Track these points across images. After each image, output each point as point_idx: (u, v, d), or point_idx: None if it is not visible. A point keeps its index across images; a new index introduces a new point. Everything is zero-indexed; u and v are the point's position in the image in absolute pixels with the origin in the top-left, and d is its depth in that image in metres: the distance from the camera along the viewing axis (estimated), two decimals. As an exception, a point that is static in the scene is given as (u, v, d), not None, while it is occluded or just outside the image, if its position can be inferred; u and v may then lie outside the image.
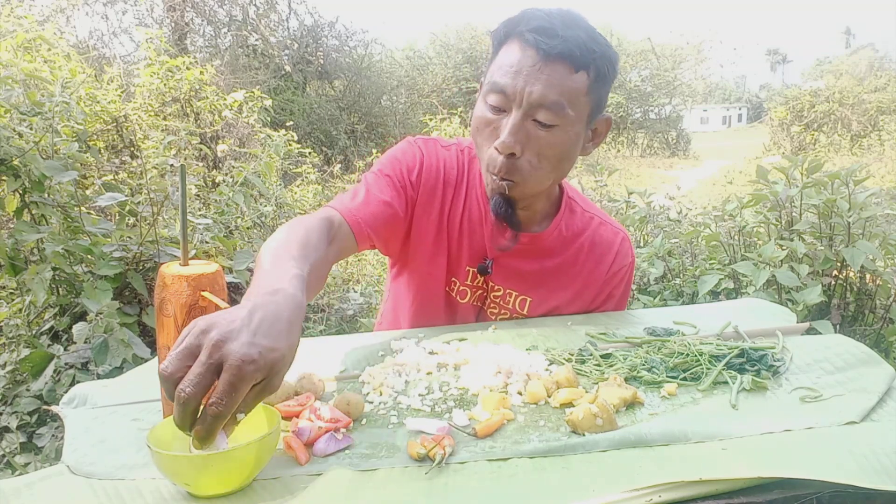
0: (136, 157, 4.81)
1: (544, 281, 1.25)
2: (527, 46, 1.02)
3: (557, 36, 1.01)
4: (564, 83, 1.02)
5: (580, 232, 1.26)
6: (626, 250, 1.28)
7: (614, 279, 1.28)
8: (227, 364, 0.62)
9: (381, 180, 1.18)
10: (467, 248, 1.23)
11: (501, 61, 1.05)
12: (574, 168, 8.71)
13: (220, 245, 2.77)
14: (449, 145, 1.27)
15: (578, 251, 1.26)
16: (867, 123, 17.86)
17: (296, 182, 6.52)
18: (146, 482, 0.69)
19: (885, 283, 2.60)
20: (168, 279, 0.77)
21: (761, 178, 2.68)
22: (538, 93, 1.02)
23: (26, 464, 1.89)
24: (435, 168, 1.23)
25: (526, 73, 1.02)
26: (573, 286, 1.26)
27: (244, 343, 0.63)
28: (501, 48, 1.08)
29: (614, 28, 23.79)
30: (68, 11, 10.49)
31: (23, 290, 2.36)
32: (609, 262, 1.26)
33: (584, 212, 1.28)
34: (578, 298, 1.27)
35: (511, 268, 1.24)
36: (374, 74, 14.15)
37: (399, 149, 1.25)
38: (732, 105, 62.05)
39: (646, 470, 0.66)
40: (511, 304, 1.26)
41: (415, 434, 0.77)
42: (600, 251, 1.26)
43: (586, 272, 1.26)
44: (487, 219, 1.21)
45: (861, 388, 0.84)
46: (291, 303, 0.72)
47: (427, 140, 1.27)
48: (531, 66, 1.01)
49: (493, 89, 1.05)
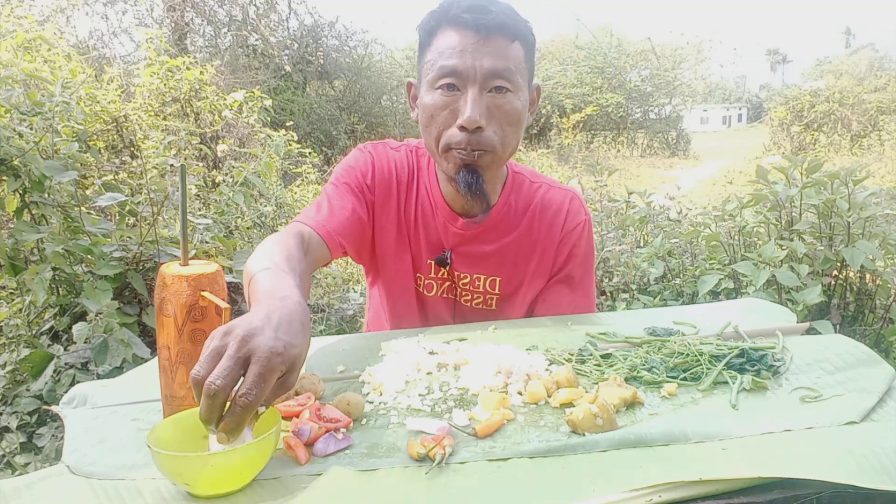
0: (136, 157, 4.81)
1: (507, 257, 1.28)
2: (463, 28, 1.07)
3: (490, 12, 1.07)
4: (507, 53, 1.09)
5: (530, 200, 1.30)
6: (577, 208, 1.31)
7: (571, 237, 1.30)
8: (256, 357, 0.65)
9: (340, 189, 1.23)
10: (424, 241, 1.27)
11: (441, 47, 1.09)
12: (574, 168, 8.70)
13: (220, 245, 2.77)
14: (398, 146, 1.32)
15: (531, 220, 1.29)
16: (867, 123, 17.86)
17: (296, 182, 6.52)
18: (146, 482, 0.69)
19: (885, 283, 2.60)
20: (168, 279, 0.77)
21: (761, 178, 2.68)
22: (489, 64, 1.07)
23: (26, 464, 1.89)
24: (387, 169, 1.27)
25: (472, 51, 1.07)
26: (535, 254, 1.30)
27: (270, 337, 0.67)
28: (433, 38, 1.12)
29: (614, 28, 23.78)
30: (68, 11, 10.49)
31: (23, 290, 2.35)
32: (562, 223, 1.30)
33: (531, 183, 1.32)
34: (542, 264, 1.30)
35: (471, 253, 1.27)
36: (374, 74, 14.15)
37: (351, 157, 1.30)
38: (732, 105, 62.04)
39: (646, 470, 0.66)
40: (482, 288, 1.29)
41: (415, 434, 0.77)
42: (551, 214, 1.30)
43: (542, 237, 1.29)
44: (438, 210, 1.26)
45: (861, 388, 0.84)
46: (300, 308, 0.76)
47: (377, 144, 1.32)
48: (474, 42, 1.07)
49: (442, 74, 1.08)
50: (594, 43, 21.65)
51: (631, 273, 3.08)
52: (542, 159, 14.99)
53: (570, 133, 18.87)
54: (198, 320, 0.78)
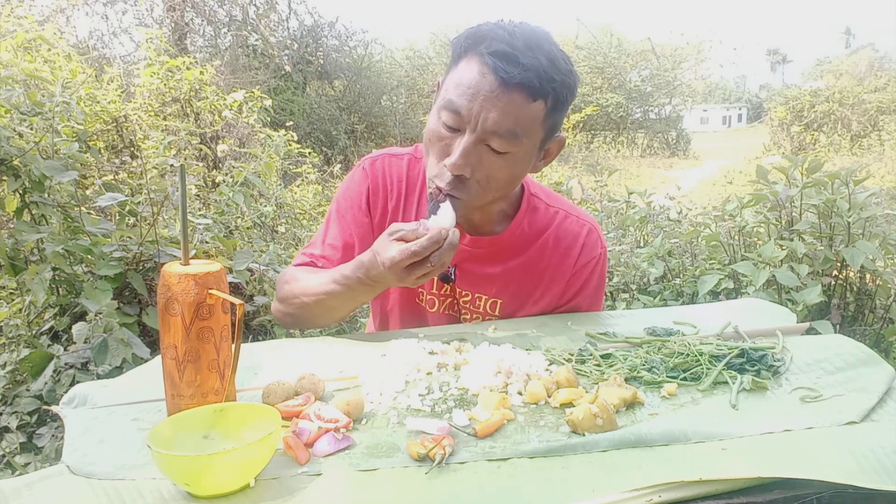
0: (136, 157, 4.81)
1: (511, 281, 1.25)
2: (486, 69, 1.00)
3: (518, 63, 0.98)
4: (521, 112, 1.01)
5: (544, 228, 1.25)
6: (593, 242, 1.26)
7: (584, 271, 1.26)
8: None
9: (341, 215, 1.27)
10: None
11: (460, 78, 1.03)
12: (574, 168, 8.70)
13: (220, 245, 2.77)
14: (402, 154, 1.29)
15: (543, 247, 1.25)
16: (867, 123, 17.87)
17: (296, 182, 6.51)
18: (146, 482, 0.69)
19: (885, 283, 2.60)
20: (174, 278, 0.77)
21: (761, 178, 2.68)
22: (493, 120, 1.00)
23: (26, 464, 1.89)
24: (382, 186, 1.26)
25: (483, 98, 1.00)
26: (541, 283, 1.26)
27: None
28: (461, 61, 1.05)
29: (614, 28, 23.79)
30: (68, 11, 10.49)
31: (23, 290, 2.35)
32: (576, 255, 1.25)
33: (548, 207, 1.27)
34: (547, 294, 1.26)
35: (476, 272, 1.24)
36: (374, 74, 14.14)
37: (350, 177, 1.31)
38: (732, 105, 62.04)
39: (646, 470, 0.66)
40: (482, 308, 1.27)
41: (415, 434, 0.77)
42: (566, 245, 1.25)
43: (553, 267, 1.25)
44: None
45: (861, 388, 0.84)
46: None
47: (376, 158, 1.29)
48: (489, 91, 1.00)
49: (448, 107, 1.03)
50: (594, 43, 21.65)
51: (631, 273, 3.08)
52: (542, 159, 14.96)
53: (570, 133, 18.87)
54: (205, 318, 0.78)
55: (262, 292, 2.84)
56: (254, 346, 1.13)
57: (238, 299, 0.77)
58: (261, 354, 1.07)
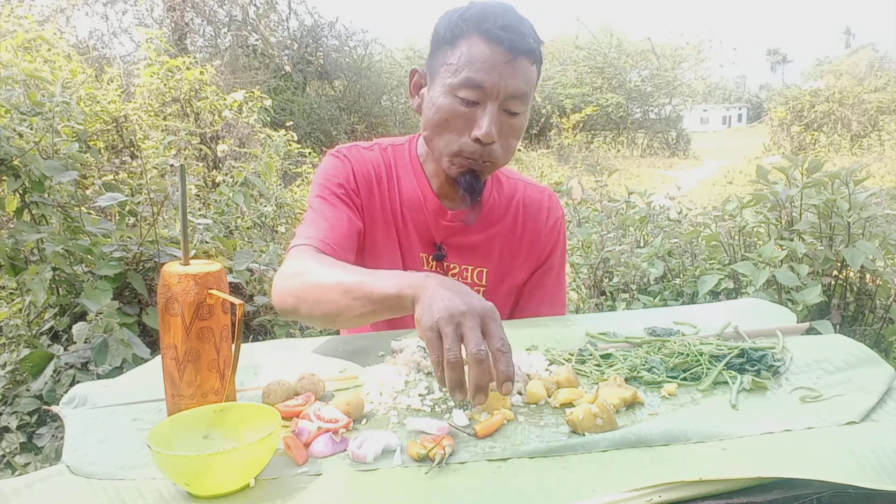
0: (136, 157, 4.81)
1: (493, 248, 1.33)
2: (495, 43, 1.09)
3: (522, 33, 1.11)
4: (528, 75, 1.14)
5: (511, 195, 1.36)
6: (555, 205, 1.40)
7: (553, 232, 1.38)
8: (488, 315, 0.81)
9: (329, 200, 1.25)
10: (415, 234, 1.30)
11: (471, 57, 1.11)
12: (574, 168, 8.74)
13: (220, 245, 2.77)
14: (370, 146, 1.34)
15: (516, 213, 1.35)
16: (867, 123, 17.87)
17: (296, 182, 6.51)
18: (146, 482, 0.69)
19: (885, 283, 2.60)
20: (174, 278, 0.77)
21: (761, 178, 2.68)
22: (513, 86, 1.11)
23: (26, 464, 1.89)
24: (365, 170, 1.30)
25: (500, 69, 1.10)
26: (521, 247, 1.35)
27: (475, 298, 0.82)
28: (460, 41, 1.12)
29: (614, 28, 23.79)
30: (68, 11, 10.50)
31: (23, 290, 2.36)
32: (544, 218, 1.37)
33: (508, 178, 1.38)
34: (529, 257, 1.36)
35: (461, 244, 1.31)
36: (374, 74, 14.14)
37: (328, 164, 1.31)
38: (732, 105, 62.06)
39: (646, 470, 0.66)
40: (470, 279, 1.33)
41: (415, 434, 0.77)
42: (534, 210, 1.37)
43: (528, 231, 1.36)
44: (428, 203, 1.28)
45: (861, 388, 0.84)
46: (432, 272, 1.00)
47: (350, 147, 1.34)
48: (504, 62, 1.10)
49: (467, 84, 1.11)
50: (594, 43, 21.66)
51: (631, 273, 3.08)
52: (542, 159, 14.99)
53: (570, 133, 18.88)
54: (205, 318, 0.78)
55: (262, 292, 2.85)
56: (254, 346, 1.13)
57: (238, 299, 0.77)
58: (261, 354, 1.07)
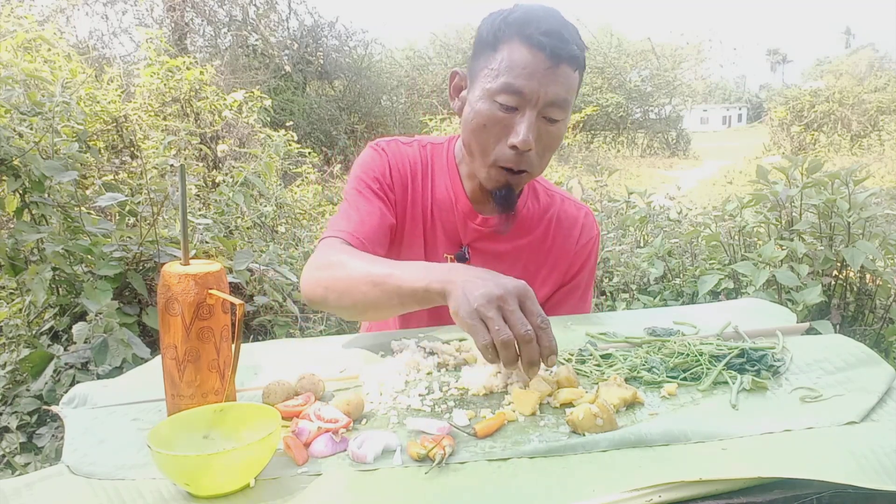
0: (136, 157, 4.81)
1: (519, 259, 1.31)
2: (537, 49, 1.07)
3: (565, 40, 1.08)
4: (569, 82, 1.11)
5: (546, 208, 1.34)
6: (591, 224, 1.37)
7: (584, 251, 1.35)
8: (525, 295, 0.85)
9: (364, 193, 1.24)
10: (441, 235, 1.29)
11: (512, 62, 1.09)
12: (574, 168, 8.75)
13: (220, 245, 2.77)
14: (410, 142, 1.33)
15: (548, 226, 1.33)
16: (867, 123, 17.87)
17: (296, 182, 6.51)
18: (146, 482, 0.69)
19: (885, 283, 2.60)
20: (174, 278, 0.77)
21: (761, 178, 2.68)
22: (553, 94, 1.09)
23: (26, 464, 1.89)
24: (402, 165, 1.29)
25: (541, 76, 1.08)
26: (548, 261, 1.33)
27: (507, 279, 0.87)
28: (501, 45, 1.10)
29: (614, 28, 23.79)
30: (68, 11, 10.50)
31: (23, 290, 2.35)
32: (577, 236, 1.34)
33: (546, 190, 1.36)
34: (555, 271, 1.34)
35: (487, 250, 1.29)
36: (374, 74, 14.14)
37: (367, 156, 1.30)
38: (732, 105, 62.07)
39: (646, 470, 0.66)
40: None
41: (415, 434, 0.77)
42: (568, 225, 1.34)
43: (558, 246, 1.33)
44: (459, 205, 1.27)
45: (861, 388, 0.84)
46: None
47: (389, 141, 1.33)
48: (545, 68, 1.08)
49: (507, 90, 1.09)
50: (594, 43, 21.64)
51: (631, 273, 3.08)
52: (542, 159, 14.94)
53: (570, 133, 18.87)
54: (205, 318, 0.78)
55: (262, 292, 2.85)
56: (254, 346, 1.13)
57: (238, 299, 0.77)
58: (261, 354, 1.07)
